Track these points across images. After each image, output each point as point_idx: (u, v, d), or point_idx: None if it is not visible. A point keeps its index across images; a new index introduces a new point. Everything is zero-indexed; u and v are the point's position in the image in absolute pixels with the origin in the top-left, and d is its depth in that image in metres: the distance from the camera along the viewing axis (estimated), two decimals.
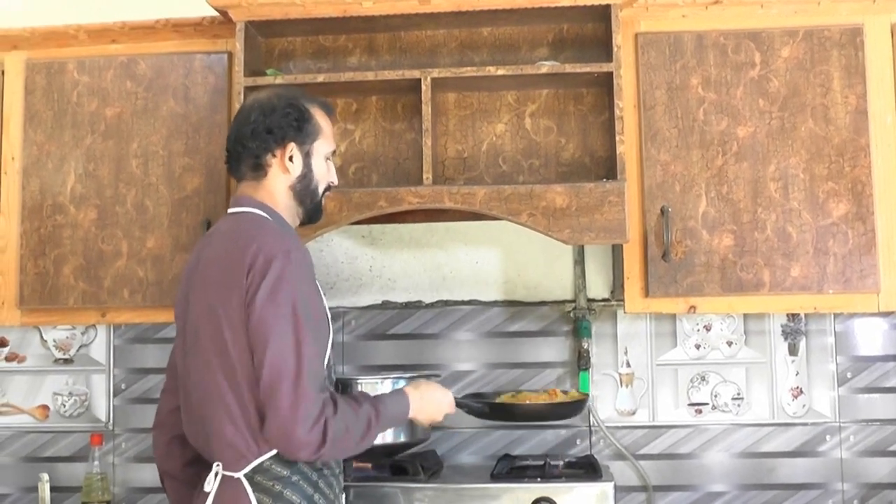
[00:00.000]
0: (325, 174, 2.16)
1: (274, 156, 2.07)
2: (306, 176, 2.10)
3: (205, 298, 1.97)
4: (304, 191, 2.11)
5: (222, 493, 1.92)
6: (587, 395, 2.62)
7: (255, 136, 2.06)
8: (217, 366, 1.92)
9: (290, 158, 2.08)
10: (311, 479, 1.95)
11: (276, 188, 2.09)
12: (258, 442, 1.90)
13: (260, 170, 2.08)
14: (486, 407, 2.42)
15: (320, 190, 2.15)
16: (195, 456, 2.15)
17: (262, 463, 1.91)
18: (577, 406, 2.53)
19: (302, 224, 2.18)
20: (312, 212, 2.15)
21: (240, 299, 1.89)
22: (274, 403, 1.84)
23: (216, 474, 1.94)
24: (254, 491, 1.90)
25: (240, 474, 1.91)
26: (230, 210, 2.11)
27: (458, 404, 2.28)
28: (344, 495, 2.08)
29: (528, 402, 2.51)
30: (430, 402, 2.16)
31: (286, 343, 1.86)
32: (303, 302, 1.91)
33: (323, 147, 2.14)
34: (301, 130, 2.08)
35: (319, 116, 2.14)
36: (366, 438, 1.96)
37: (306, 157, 2.10)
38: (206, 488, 1.94)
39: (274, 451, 1.91)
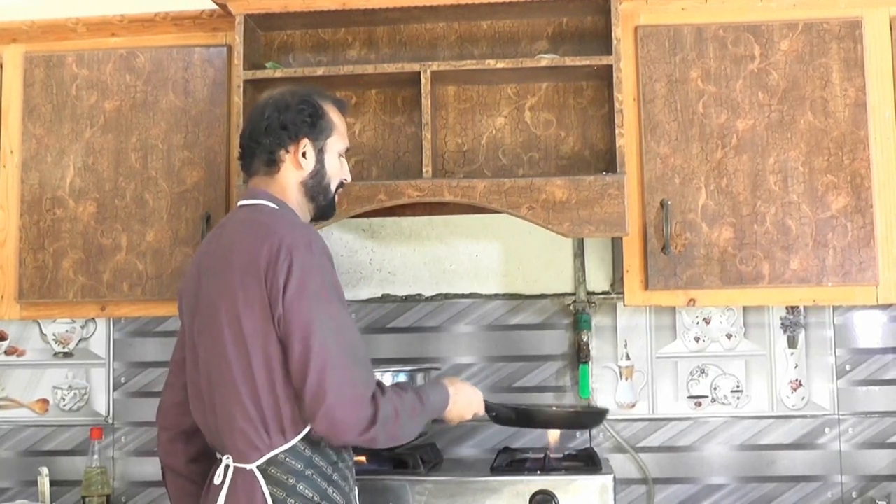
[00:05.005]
0: (337, 171, 2.16)
1: (287, 151, 2.08)
2: (318, 172, 2.11)
3: (224, 286, 1.95)
4: (317, 187, 2.11)
5: (234, 486, 1.91)
6: (607, 409, 2.67)
7: (269, 132, 2.07)
8: (232, 354, 1.91)
9: (304, 154, 2.08)
10: (326, 474, 1.95)
11: (288, 183, 2.09)
12: (271, 433, 1.90)
13: (273, 165, 2.08)
14: (512, 412, 2.43)
15: (333, 186, 2.15)
16: (200, 452, 2.15)
17: (277, 456, 1.90)
18: (600, 415, 2.61)
19: (313, 220, 2.17)
20: (325, 208, 2.16)
21: (260, 289, 1.89)
22: (322, 392, 1.83)
23: (226, 467, 1.93)
24: (267, 484, 1.89)
25: (252, 466, 1.90)
26: (242, 202, 2.10)
27: (487, 407, 2.30)
28: (357, 488, 2.07)
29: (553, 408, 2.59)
30: (464, 399, 2.18)
31: (328, 331, 1.87)
32: (332, 290, 1.93)
33: (336, 144, 2.14)
34: (314, 127, 2.09)
35: (333, 113, 2.14)
36: (411, 426, 1.98)
37: (319, 153, 2.11)
38: (217, 481, 1.93)
39: (289, 445, 1.90)
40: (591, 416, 2.65)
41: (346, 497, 2.00)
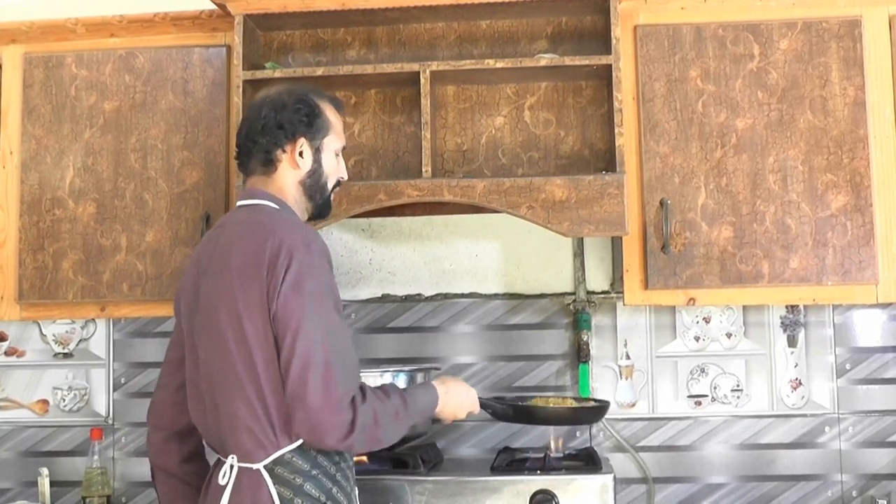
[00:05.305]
0: (334, 169, 2.16)
1: (284, 151, 2.07)
2: (316, 171, 2.11)
3: (224, 287, 1.94)
4: (314, 186, 2.11)
5: (240, 486, 1.90)
6: (608, 402, 2.60)
7: (265, 132, 2.07)
8: (235, 355, 1.90)
9: (301, 154, 2.08)
10: (330, 473, 1.94)
11: (285, 183, 2.09)
12: (277, 433, 1.89)
13: (270, 165, 2.08)
14: (509, 409, 2.42)
15: (329, 185, 2.15)
16: (193, 452, 2.15)
17: (283, 455, 1.89)
18: (600, 411, 2.57)
19: (310, 219, 2.17)
20: (322, 207, 2.16)
21: (261, 290, 1.88)
22: (302, 392, 1.83)
23: (231, 467, 1.92)
24: (274, 483, 1.89)
25: (259, 466, 1.90)
26: (240, 202, 2.10)
27: (483, 405, 2.28)
28: (357, 489, 2.07)
29: (551, 405, 2.53)
30: (456, 399, 2.16)
31: (313, 333, 1.86)
32: (327, 292, 1.93)
33: (333, 143, 2.14)
34: (311, 126, 2.09)
35: (329, 112, 2.14)
36: (394, 430, 1.96)
37: (316, 152, 2.10)
38: (221, 482, 1.92)
39: (295, 444, 1.90)
40: (590, 413, 2.61)
41: (349, 497, 2.00)
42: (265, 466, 1.90)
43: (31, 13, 2.89)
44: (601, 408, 2.57)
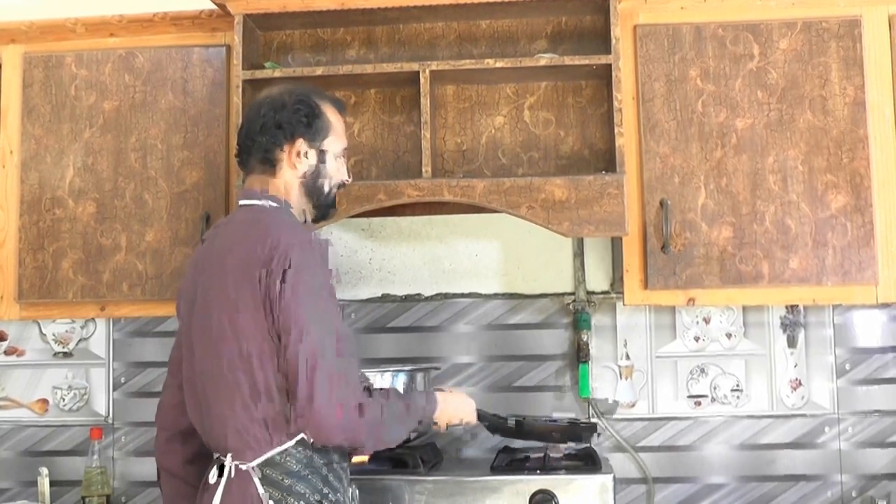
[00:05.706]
0: (336, 172, 2.16)
1: (282, 151, 2.07)
2: (317, 173, 2.11)
3: (219, 285, 1.95)
4: (314, 187, 2.11)
5: (230, 485, 1.91)
6: (595, 424, 2.67)
7: (264, 131, 2.07)
8: (230, 354, 1.90)
9: (302, 154, 2.08)
10: (322, 474, 1.94)
11: (286, 183, 2.09)
12: (270, 433, 1.90)
13: (269, 165, 2.08)
14: (505, 423, 2.44)
15: (332, 187, 2.15)
16: (196, 453, 2.15)
17: (274, 455, 1.90)
18: (592, 428, 2.59)
19: (314, 220, 2.17)
20: (324, 208, 2.16)
21: (257, 288, 1.88)
22: (310, 392, 1.83)
23: (223, 466, 1.93)
24: (263, 484, 1.89)
25: (249, 466, 1.90)
26: (241, 202, 2.10)
27: (480, 416, 2.31)
28: (352, 488, 2.07)
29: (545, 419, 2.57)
30: (453, 404, 2.19)
31: (322, 332, 1.87)
32: (326, 290, 1.94)
33: (334, 144, 2.14)
34: (310, 127, 2.09)
35: (331, 113, 2.14)
36: (396, 429, 1.98)
37: (320, 153, 2.11)
38: (212, 480, 1.94)
39: (287, 445, 1.90)
40: (585, 430, 2.62)
41: (342, 497, 1.99)
42: (255, 466, 1.90)
43: (31, 13, 2.89)
44: (592, 427, 2.60)
